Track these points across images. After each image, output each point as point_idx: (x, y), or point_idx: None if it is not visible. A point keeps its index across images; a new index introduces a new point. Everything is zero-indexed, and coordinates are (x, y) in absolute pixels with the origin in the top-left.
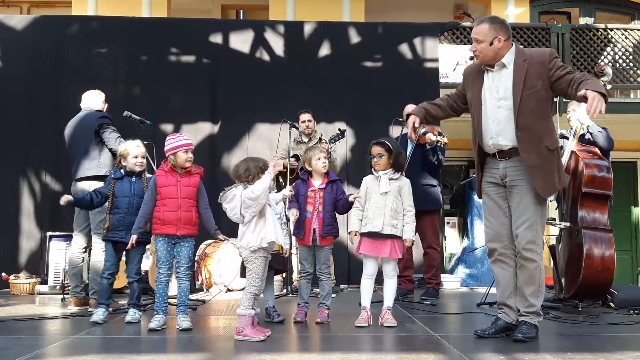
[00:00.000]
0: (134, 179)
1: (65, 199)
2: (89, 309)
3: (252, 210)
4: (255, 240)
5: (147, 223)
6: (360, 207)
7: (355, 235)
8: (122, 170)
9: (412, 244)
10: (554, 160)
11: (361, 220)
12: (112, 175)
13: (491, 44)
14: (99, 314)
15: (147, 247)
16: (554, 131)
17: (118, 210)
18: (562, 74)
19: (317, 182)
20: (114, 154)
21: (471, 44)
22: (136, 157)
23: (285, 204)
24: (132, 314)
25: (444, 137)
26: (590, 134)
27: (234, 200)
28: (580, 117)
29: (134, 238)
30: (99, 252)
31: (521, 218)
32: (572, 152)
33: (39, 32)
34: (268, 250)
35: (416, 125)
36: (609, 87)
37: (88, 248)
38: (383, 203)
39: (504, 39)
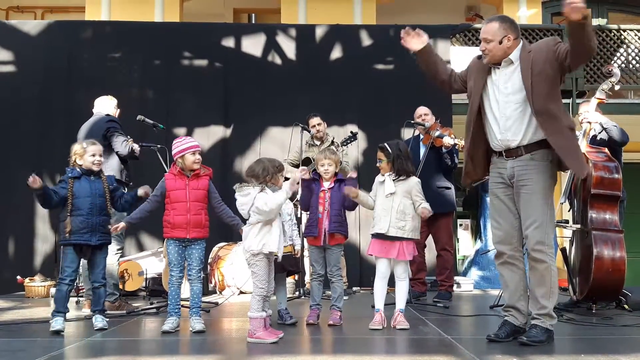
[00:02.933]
0: (92, 178)
1: (34, 180)
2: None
3: (260, 218)
4: (256, 245)
5: (141, 219)
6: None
7: (356, 194)
8: (78, 169)
9: (426, 214)
10: (576, 141)
11: (372, 219)
12: (70, 174)
13: (500, 42)
14: (58, 322)
15: (160, 249)
16: (567, 112)
17: (80, 211)
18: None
19: (326, 183)
20: (121, 158)
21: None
22: (93, 155)
23: (297, 206)
24: (101, 321)
25: (462, 139)
26: (605, 129)
27: (246, 197)
28: (591, 117)
29: (122, 225)
30: (111, 256)
31: (530, 219)
32: (582, 153)
33: (52, 37)
34: (271, 254)
35: (423, 37)
36: (617, 87)
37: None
38: (389, 205)
39: (514, 37)
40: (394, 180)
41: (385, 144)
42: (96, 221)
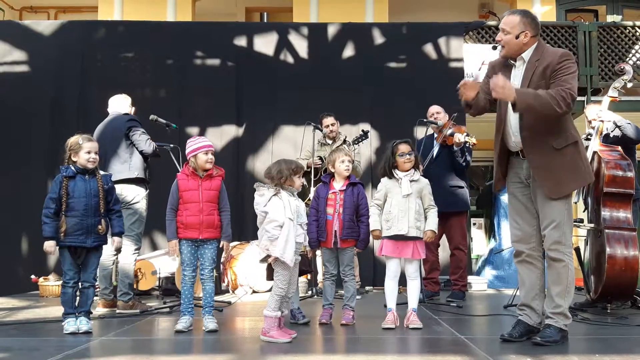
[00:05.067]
0: (87, 176)
1: (49, 248)
2: (117, 311)
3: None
4: (277, 250)
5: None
6: (379, 207)
7: (380, 234)
8: (72, 167)
9: (432, 239)
10: (563, 160)
11: (386, 221)
12: (64, 173)
13: (517, 37)
14: (70, 323)
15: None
16: (566, 131)
17: (75, 212)
18: (554, 81)
19: (338, 185)
20: (144, 156)
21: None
22: (89, 152)
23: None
24: (86, 323)
25: (472, 137)
26: (618, 127)
27: (262, 198)
28: (604, 116)
29: (174, 245)
30: (128, 255)
31: (547, 219)
32: (595, 152)
33: (66, 37)
34: (296, 253)
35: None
36: (629, 85)
37: (119, 251)
38: (406, 205)
39: (531, 35)
40: (410, 180)
41: (407, 139)
42: (91, 222)
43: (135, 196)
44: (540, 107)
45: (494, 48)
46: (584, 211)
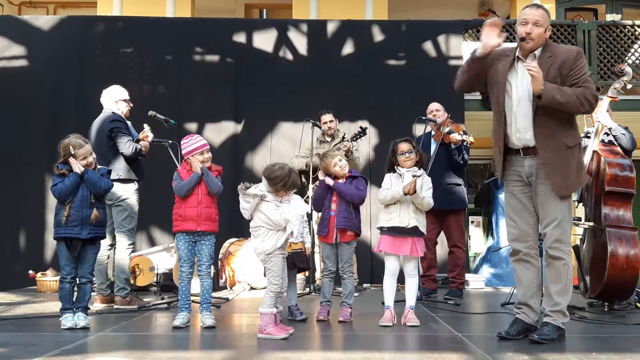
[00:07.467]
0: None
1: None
2: (114, 306)
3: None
4: (269, 245)
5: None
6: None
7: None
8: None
9: (412, 186)
10: (572, 158)
11: (387, 213)
12: (65, 169)
13: (545, 31)
14: (68, 319)
15: (171, 245)
16: (574, 128)
17: (71, 204)
18: (575, 82)
19: (341, 181)
20: (126, 158)
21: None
22: (84, 158)
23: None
24: (84, 319)
25: (470, 136)
26: (614, 136)
27: (248, 204)
28: (602, 120)
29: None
30: (122, 250)
31: (548, 217)
32: (594, 151)
33: (65, 33)
34: (284, 248)
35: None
36: (629, 86)
37: (113, 246)
38: (408, 199)
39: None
40: (413, 176)
41: (409, 138)
42: (87, 214)
43: (124, 192)
44: (565, 102)
45: (522, 40)
46: (576, 207)
